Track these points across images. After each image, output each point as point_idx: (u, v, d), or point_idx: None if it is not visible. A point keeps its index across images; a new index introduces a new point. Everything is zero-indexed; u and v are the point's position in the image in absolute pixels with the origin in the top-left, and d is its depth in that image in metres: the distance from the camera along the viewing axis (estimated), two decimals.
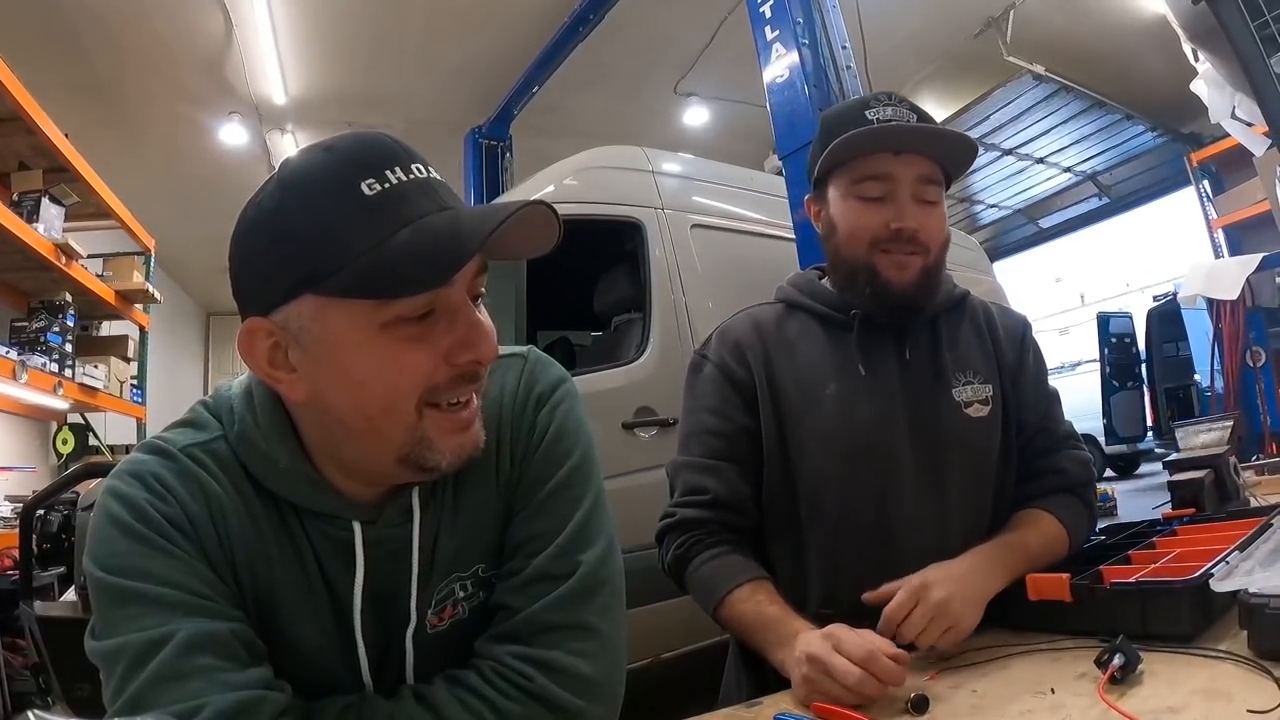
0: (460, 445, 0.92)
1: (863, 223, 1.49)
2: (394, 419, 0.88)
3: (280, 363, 0.89)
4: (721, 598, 1.41)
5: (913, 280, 1.48)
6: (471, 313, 0.90)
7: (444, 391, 0.89)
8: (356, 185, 0.83)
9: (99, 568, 0.85)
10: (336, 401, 0.89)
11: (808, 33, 3.92)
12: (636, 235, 4.07)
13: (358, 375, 0.86)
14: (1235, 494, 1.97)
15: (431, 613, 1.01)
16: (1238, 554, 1.23)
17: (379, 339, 0.85)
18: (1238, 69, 3.08)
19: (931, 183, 1.49)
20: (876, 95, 1.52)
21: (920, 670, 1.19)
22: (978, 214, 13.49)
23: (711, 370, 1.60)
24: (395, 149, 0.87)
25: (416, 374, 0.87)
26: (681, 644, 3.69)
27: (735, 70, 7.51)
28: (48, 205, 4.76)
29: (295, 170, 0.87)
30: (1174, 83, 5.96)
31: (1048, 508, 1.51)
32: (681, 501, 1.54)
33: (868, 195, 1.49)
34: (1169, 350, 11.48)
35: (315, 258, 0.83)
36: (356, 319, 0.85)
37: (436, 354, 0.87)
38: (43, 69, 5.67)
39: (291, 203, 0.85)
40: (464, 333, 0.88)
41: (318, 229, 0.83)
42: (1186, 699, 0.92)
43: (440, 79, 7.91)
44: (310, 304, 0.85)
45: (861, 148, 1.47)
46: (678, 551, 1.51)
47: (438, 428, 0.90)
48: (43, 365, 4.70)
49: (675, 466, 1.59)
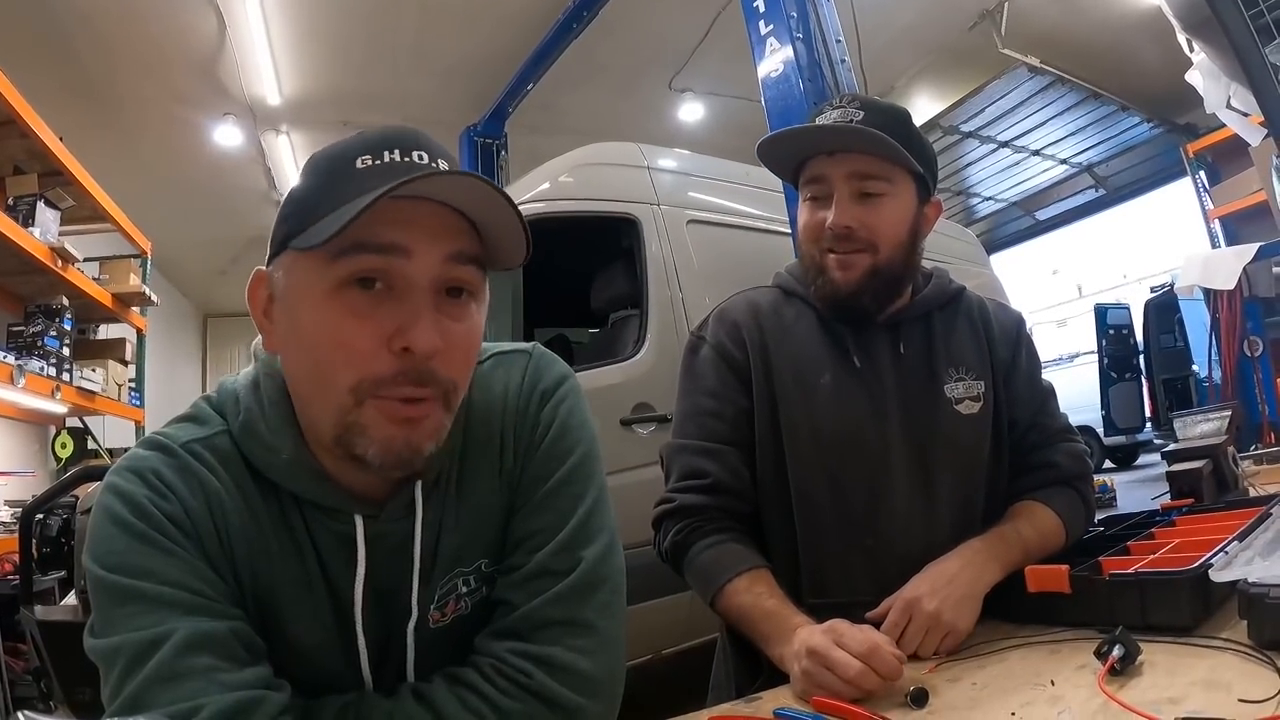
0: (392, 439, 0.88)
1: (809, 223, 1.53)
2: (328, 392, 0.88)
3: (270, 313, 0.94)
4: (720, 587, 1.40)
5: (856, 280, 1.49)
6: (422, 297, 0.87)
7: (387, 385, 0.87)
8: (352, 160, 0.89)
9: (98, 565, 0.85)
10: (289, 360, 0.94)
11: (801, 27, 3.92)
12: (632, 231, 4.06)
13: (308, 335, 0.89)
14: (1234, 484, 1.98)
15: (434, 608, 1.01)
16: (1237, 544, 1.23)
17: (327, 302, 0.87)
18: (1233, 59, 3.07)
19: (869, 178, 1.48)
20: (834, 100, 1.54)
21: (920, 663, 1.19)
22: (974, 207, 13.51)
23: (709, 352, 1.60)
24: (410, 138, 0.91)
25: (352, 353, 0.86)
26: (681, 640, 3.70)
27: (730, 66, 7.50)
28: (43, 209, 4.75)
29: (322, 151, 0.95)
30: (1169, 74, 5.98)
31: (1042, 500, 1.51)
32: (680, 486, 1.54)
33: (811, 196, 1.53)
34: (1166, 341, 11.48)
35: (295, 218, 0.90)
36: (313, 276, 0.88)
37: (377, 336, 0.86)
38: (35, 72, 5.66)
39: (304, 176, 0.93)
40: (404, 316, 0.86)
41: (305, 192, 0.91)
42: (1186, 690, 0.92)
43: (434, 77, 7.91)
44: (288, 258, 0.91)
45: (794, 152, 1.55)
46: (676, 538, 1.51)
47: (376, 414, 0.88)
48: (40, 369, 4.69)
49: (672, 450, 1.59)
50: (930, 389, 1.53)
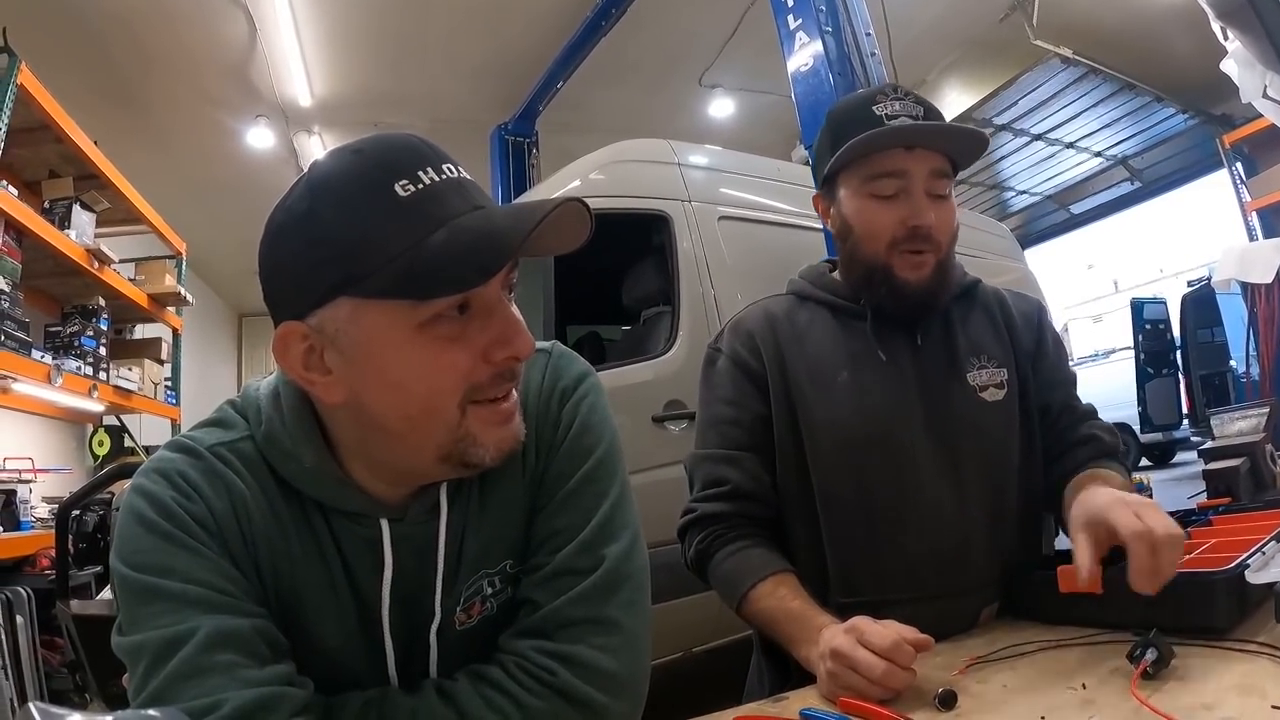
0: (502, 438, 0.93)
1: (879, 221, 1.48)
2: (436, 418, 0.89)
3: (315, 365, 0.89)
4: (744, 593, 1.41)
5: (927, 278, 1.48)
6: (507, 309, 0.91)
7: (485, 389, 0.90)
8: (390, 187, 0.84)
9: (124, 564, 0.86)
10: (375, 403, 0.90)
11: (830, 20, 3.90)
12: (664, 228, 4.07)
13: (397, 376, 0.87)
14: (1271, 482, 1.94)
15: (460, 609, 1.01)
16: (1274, 544, 1.21)
17: (417, 339, 0.86)
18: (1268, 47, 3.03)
19: (943, 176, 1.47)
20: (882, 89, 1.51)
21: (948, 666, 1.17)
22: (1008, 201, 13.36)
23: (725, 362, 1.60)
24: (425, 150, 0.88)
25: (456, 372, 0.87)
26: (711, 638, 3.70)
27: (760, 61, 7.45)
28: (79, 212, 4.82)
29: (326, 174, 0.88)
30: (1204, 63, 5.86)
31: (1104, 467, 1.47)
32: (702, 496, 1.54)
33: (882, 193, 1.47)
34: (1204, 336, 11.32)
35: (351, 261, 0.83)
36: (394, 320, 0.85)
37: (475, 352, 0.88)
38: (70, 77, 5.72)
39: (323, 206, 0.85)
40: (500, 329, 0.89)
41: (353, 232, 0.84)
42: (1221, 695, 0.90)
43: (465, 77, 7.92)
44: (347, 307, 0.86)
45: (878, 144, 1.45)
46: (700, 546, 1.51)
47: (481, 422, 0.90)
48: (77, 369, 4.76)
49: (694, 460, 1.59)
50: (952, 377, 1.52)
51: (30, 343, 4.25)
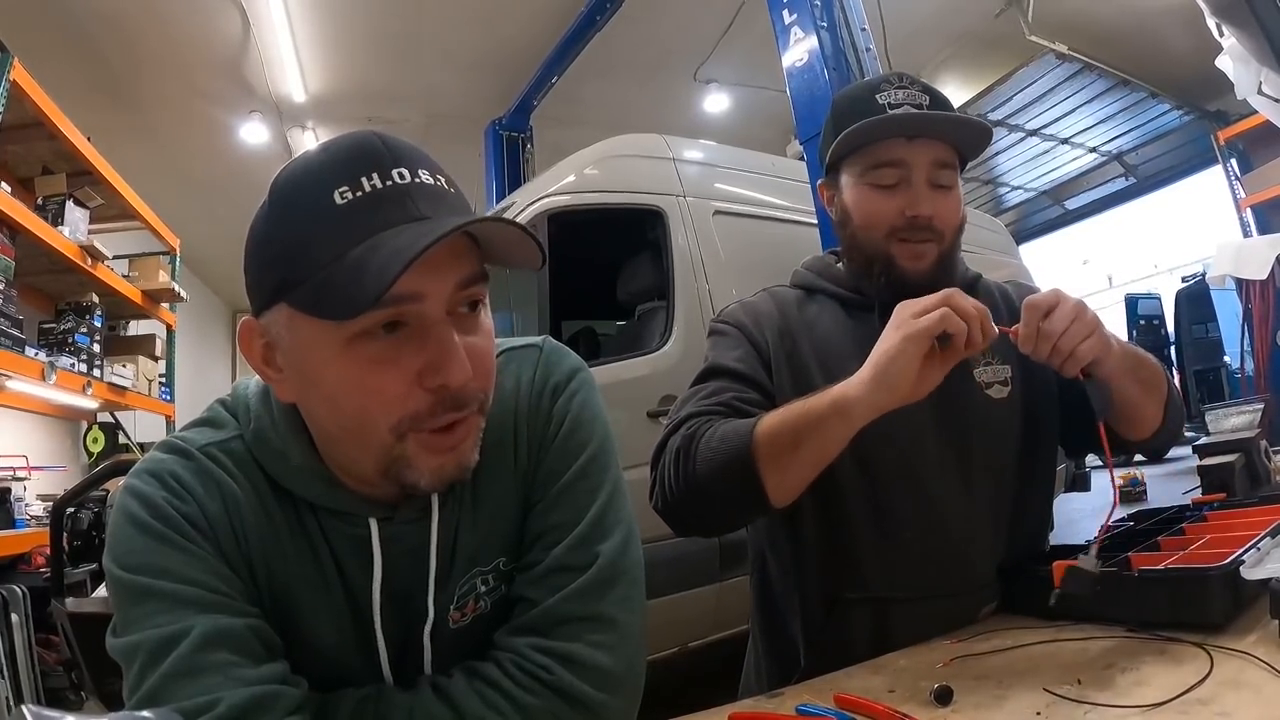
0: (441, 467, 0.89)
1: (878, 210, 1.46)
2: (367, 438, 0.87)
3: (272, 361, 0.90)
4: (750, 429, 1.30)
5: (928, 269, 1.45)
6: (445, 331, 0.85)
7: (424, 419, 0.86)
8: (330, 193, 0.82)
9: (117, 565, 0.86)
10: (314, 410, 0.90)
11: (826, 15, 3.91)
12: (658, 223, 4.07)
13: (328, 390, 0.86)
14: (1266, 478, 1.95)
15: (454, 608, 1.00)
16: (1269, 540, 1.21)
17: (345, 356, 0.83)
18: (1263, 43, 3.03)
19: (946, 167, 1.45)
20: (887, 77, 1.49)
21: (944, 662, 1.17)
22: (1002, 196, 13.38)
23: (734, 330, 1.56)
24: (380, 151, 0.84)
25: (386, 398, 0.84)
26: (707, 633, 3.70)
27: (755, 55, 7.47)
28: (72, 208, 4.80)
29: (286, 174, 0.88)
30: (1199, 59, 5.89)
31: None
32: (690, 412, 1.44)
33: (882, 183, 1.46)
34: (1198, 332, 11.31)
35: (285, 267, 0.83)
36: (322, 334, 0.83)
37: (406, 376, 0.84)
38: (63, 73, 5.71)
39: (275, 207, 0.86)
40: (432, 354, 0.84)
41: (290, 237, 0.84)
42: (1215, 690, 0.90)
43: (459, 72, 7.92)
44: (284, 313, 0.86)
45: (875, 134, 1.44)
46: (687, 432, 1.38)
47: (420, 447, 0.87)
48: (71, 366, 4.74)
49: (683, 399, 1.51)
50: (959, 374, 1.50)
51: (24, 340, 4.23)
